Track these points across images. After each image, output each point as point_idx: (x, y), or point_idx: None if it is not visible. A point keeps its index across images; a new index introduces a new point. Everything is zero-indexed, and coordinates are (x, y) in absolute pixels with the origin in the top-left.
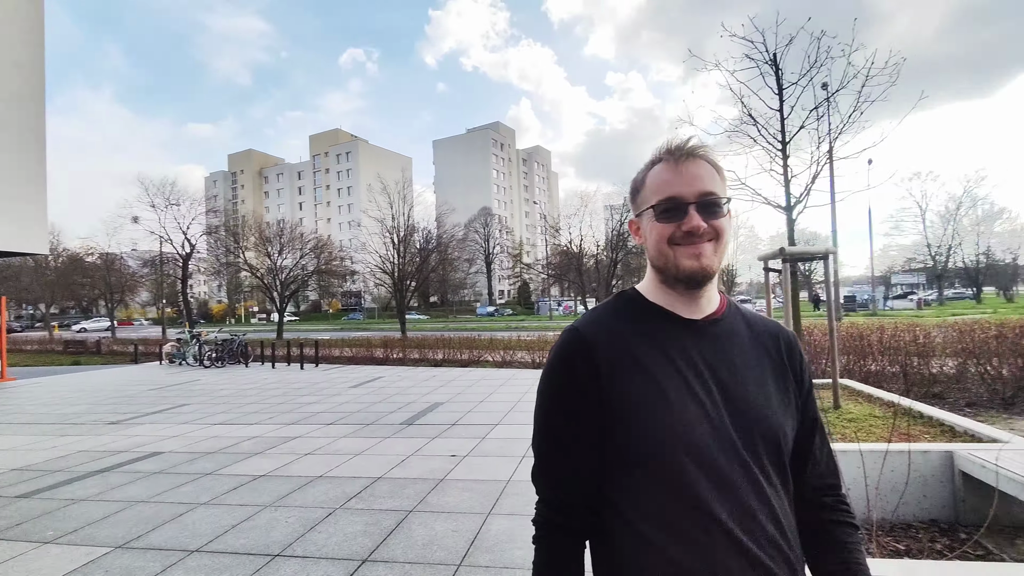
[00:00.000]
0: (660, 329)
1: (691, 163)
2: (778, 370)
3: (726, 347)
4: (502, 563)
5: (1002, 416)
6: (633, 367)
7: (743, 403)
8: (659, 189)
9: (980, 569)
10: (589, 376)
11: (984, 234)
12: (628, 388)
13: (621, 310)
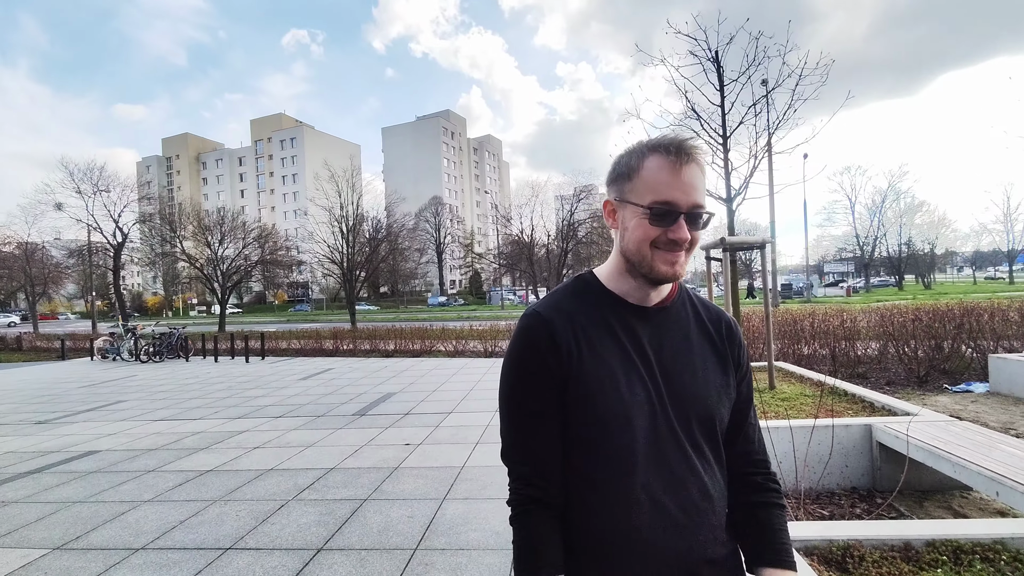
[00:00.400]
0: (613, 315)
1: (689, 168)
2: (719, 353)
3: (671, 333)
4: (458, 545)
5: (917, 392)
6: (590, 351)
7: (681, 387)
8: (656, 190)
9: (886, 527)
10: (553, 356)
11: (906, 225)
12: (586, 369)
13: (579, 294)
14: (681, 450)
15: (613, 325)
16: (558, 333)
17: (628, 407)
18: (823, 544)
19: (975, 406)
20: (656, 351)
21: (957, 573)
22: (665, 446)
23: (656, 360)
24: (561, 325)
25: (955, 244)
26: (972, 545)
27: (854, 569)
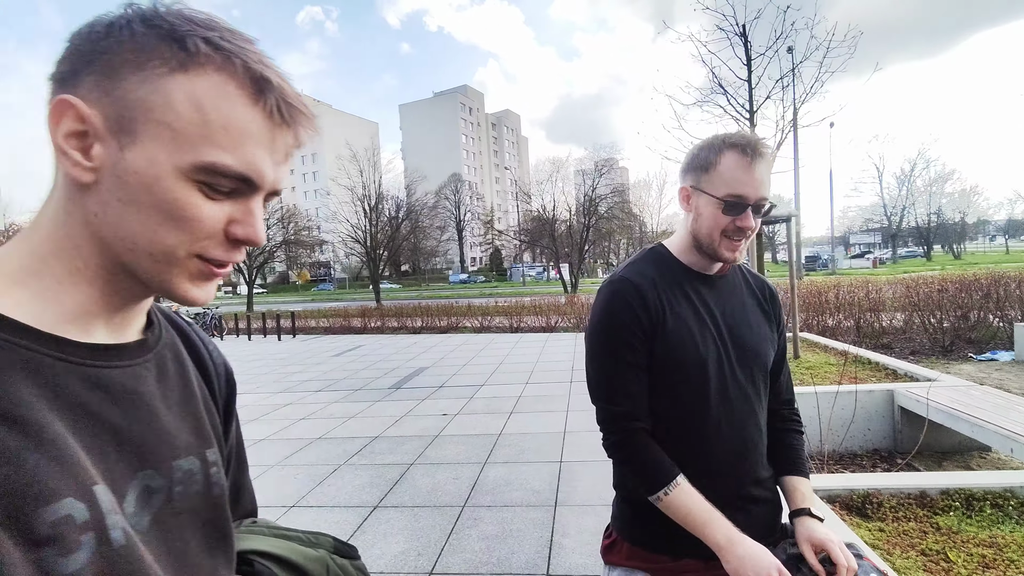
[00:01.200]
0: (686, 281)
1: (760, 165)
2: (765, 313)
3: (730, 297)
4: (502, 503)
5: (941, 361)
6: (671, 311)
7: (741, 340)
8: (731, 184)
9: (903, 478)
10: (644, 314)
11: (936, 194)
12: (669, 326)
13: (655, 263)
14: (743, 392)
15: (687, 290)
16: (647, 295)
17: (703, 358)
18: (844, 493)
19: (999, 374)
20: (720, 311)
21: (968, 516)
22: (730, 390)
23: (721, 319)
24: (648, 288)
25: (987, 212)
26: (983, 493)
27: (873, 514)
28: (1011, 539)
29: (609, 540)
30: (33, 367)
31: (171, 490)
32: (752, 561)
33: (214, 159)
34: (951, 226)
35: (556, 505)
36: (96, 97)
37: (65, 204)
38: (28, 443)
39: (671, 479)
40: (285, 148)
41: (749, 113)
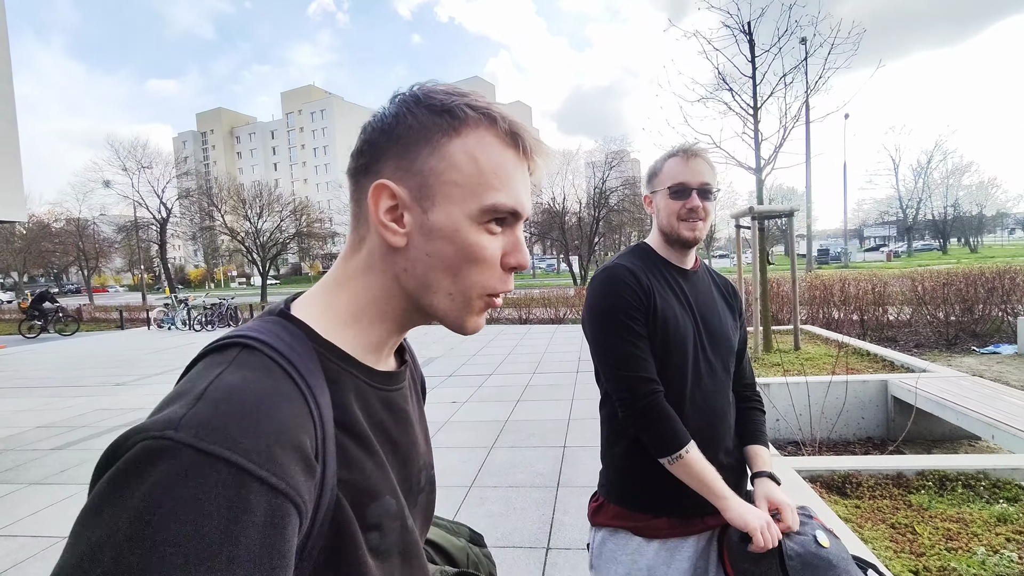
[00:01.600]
0: (667, 272)
1: (696, 160)
2: (729, 307)
3: (702, 290)
4: (508, 484)
5: (944, 354)
6: (658, 294)
7: (712, 326)
8: (673, 176)
9: (882, 460)
10: (642, 293)
11: (953, 187)
12: (658, 306)
13: (641, 256)
14: (712, 370)
15: (668, 279)
16: (640, 277)
17: (684, 337)
18: (827, 473)
19: (1000, 366)
20: (695, 300)
21: (940, 496)
22: (703, 367)
23: (696, 307)
24: (641, 272)
25: (1006, 205)
26: (957, 474)
27: (851, 493)
28: (978, 516)
29: (596, 504)
30: (359, 391)
31: (414, 489)
32: (751, 513)
33: (494, 201)
34: (968, 219)
35: (559, 486)
36: (399, 176)
37: (379, 263)
38: (365, 454)
39: (687, 440)
40: (530, 180)
41: (753, 109)
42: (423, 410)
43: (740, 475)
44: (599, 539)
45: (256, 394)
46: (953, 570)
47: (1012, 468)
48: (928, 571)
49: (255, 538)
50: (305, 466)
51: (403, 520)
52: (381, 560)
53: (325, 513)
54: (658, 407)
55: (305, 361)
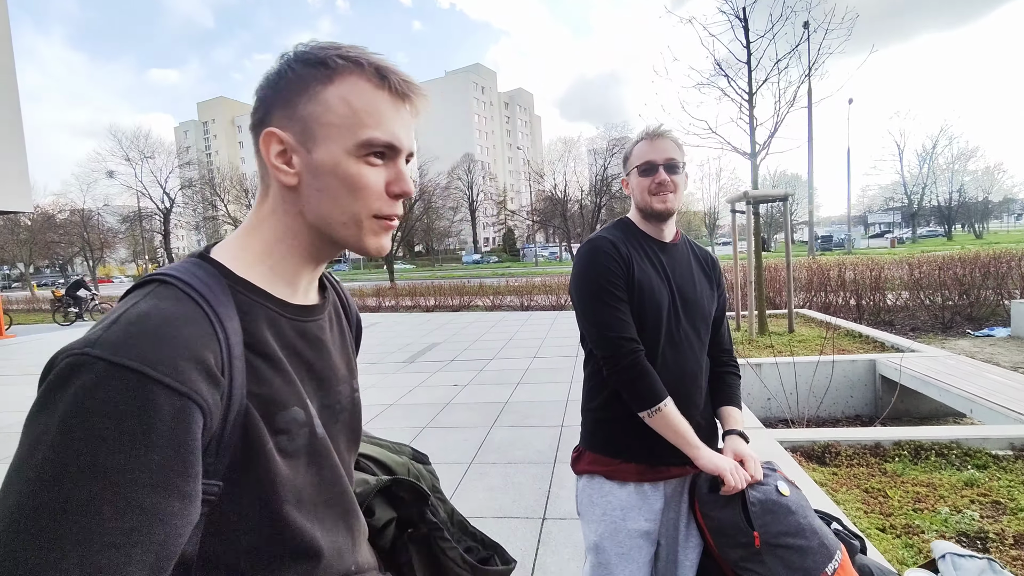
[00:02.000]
0: (646, 245)
1: (661, 140)
2: (707, 276)
3: (680, 261)
4: (506, 460)
5: (939, 337)
6: (636, 264)
7: (687, 295)
8: (641, 156)
9: (861, 432)
10: (622, 261)
11: (958, 172)
12: (636, 275)
13: (624, 230)
14: (686, 336)
15: (647, 252)
16: (620, 249)
17: (659, 304)
18: (807, 444)
19: (992, 348)
20: (672, 272)
21: (914, 463)
22: (676, 333)
23: (672, 278)
24: (621, 243)
25: (1012, 191)
26: (932, 443)
27: (831, 461)
28: (947, 481)
29: (576, 454)
30: (271, 320)
31: (335, 407)
32: (721, 459)
33: (368, 136)
34: (974, 205)
35: (555, 462)
36: (285, 124)
37: (282, 205)
38: (273, 371)
39: (664, 396)
40: (409, 119)
41: (748, 95)
42: (348, 341)
43: (711, 434)
44: (580, 485)
45: (164, 318)
46: (917, 527)
47: (983, 438)
48: (894, 528)
49: (164, 430)
50: (208, 376)
51: (311, 428)
52: (289, 459)
53: (235, 418)
54: (639, 365)
55: (216, 293)
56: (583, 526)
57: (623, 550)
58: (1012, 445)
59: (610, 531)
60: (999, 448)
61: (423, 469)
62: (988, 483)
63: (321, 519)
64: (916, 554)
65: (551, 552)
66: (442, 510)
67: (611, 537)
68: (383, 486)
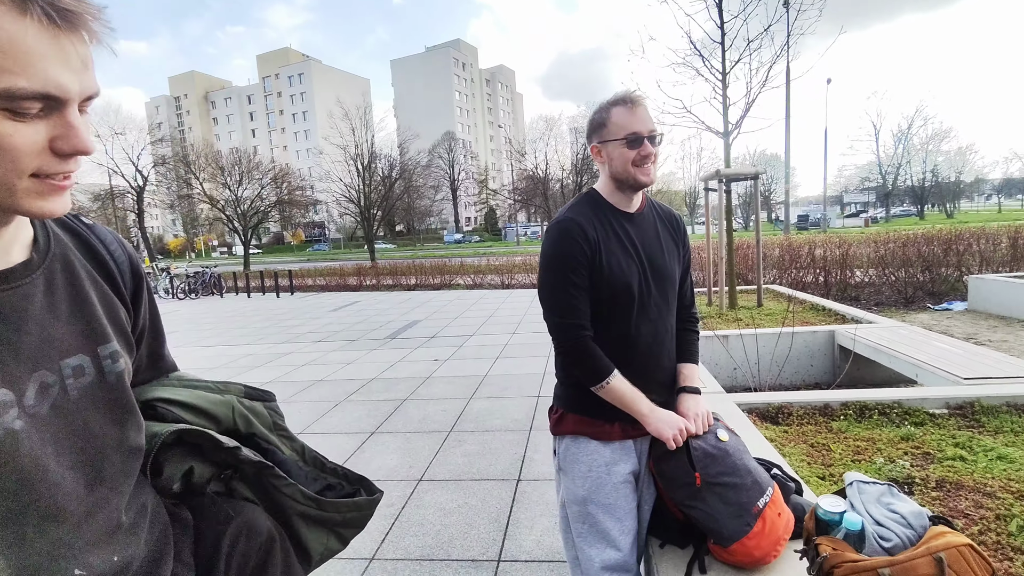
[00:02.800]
0: (614, 219)
1: (642, 108)
2: (673, 239)
3: (648, 230)
4: (484, 428)
5: (901, 311)
6: (604, 243)
7: (656, 264)
8: (625, 126)
9: (812, 394)
10: (587, 246)
11: (932, 152)
12: (603, 256)
13: (592, 205)
14: (656, 306)
15: (615, 225)
16: (588, 231)
17: (629, 282)
18: (763, 406)
19: (949, 321)
20: (640, 242)
21: (859, 422)
22: (648, 306)
23: (642, 248)
24: (588, 225)
25: (983, 171)
26: (875, 404)
27: (783, 421)
28: (886, 436)
29: (557, 415)
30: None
31: (64, 383)
32: (666, 422)
33: (6, 85)
34: (946, 185)
35: (531, 430)
36: None
37: None
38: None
39: (610, 372)
40: (78, 53)
41: (722, 75)
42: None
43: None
44: (564, 446)
45: None
46: None
47: (922, 398)
48: (832, 476)
49: None
50: None
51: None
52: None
53: None
54: (582, 348)
55: None
56: (565, 482)
57: (609, 501)
58: (947, 404)
59: (596, 485)
60: (936, 407)
61: (259, 407)
62: (922, 437)
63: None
64: None
65: (524, 509)
66: (287, 448)
67: (597, 490)
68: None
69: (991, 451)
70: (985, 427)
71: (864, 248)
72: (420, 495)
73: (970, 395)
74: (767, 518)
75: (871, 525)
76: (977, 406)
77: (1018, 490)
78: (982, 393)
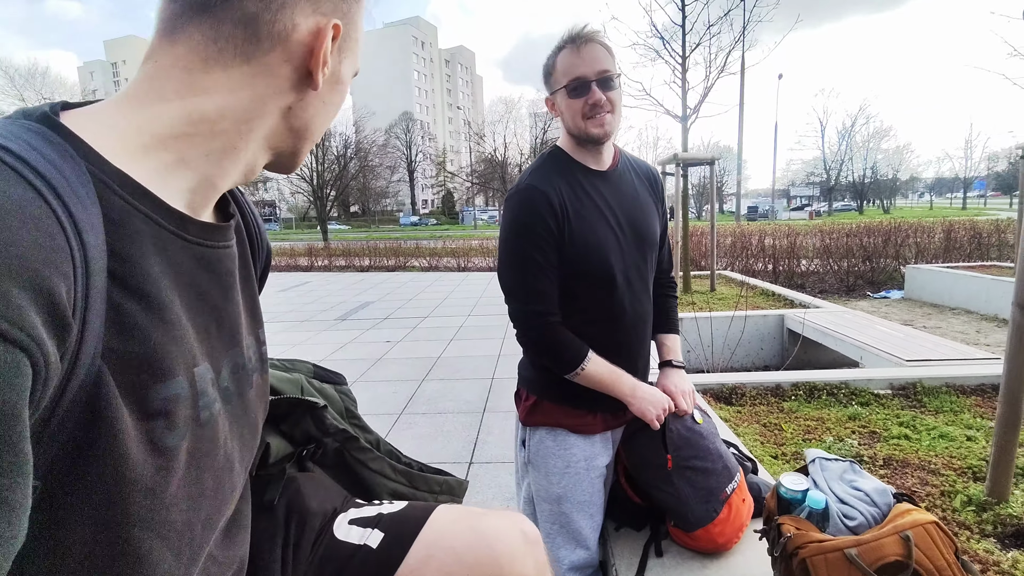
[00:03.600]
0: (585, 180)
1: (590, 47)
2: (652, 196)
3: (624, 189)
4: (436, 411)
5: (843, 299)
6: (574, 210)
7: (635, 225)
8: (568, 71)
9: (764, 375)
10: (552, 219)
11: (872, 150)
12: (574, 225)
13: (556, 166)
14: (639, 272)
15: (586, 188)
16: (553, 200)
17: (606, 252)
18: (717, 386)
19: (888, 308)
20: (617, 203)
21: (808, 402)
22: (630, 272)
23: (619, 209)
24: (554, 193)
25: (918, 170)
26: (824, 384)
27: (736, 401)
28: (834, 415)
29: (529, 403)
30: (161, 244)
31: (246, 365)
32: (650, 401)
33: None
34: (884, 182)
35: (484, 412)
36: (339, 18)
37: (263, 94)
38: (154, 321)
39: (584, 356)
40: None
41: (682, 59)
42: (254, 283)
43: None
44: (537, 438)
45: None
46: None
47: (867, 379)
48: (784, 455)
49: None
50: (52, 319)
51: (197, 411)
52: (158, 457)
53: (79, 391)
54: (549, 335)
55: (73, 186)
56: (537, 478)
57: (585, 498)
58: (891, 385)
59: (574, 483)
60: (880, 388)
61: (329, 389)
62: (868, 417)
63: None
64: None
65: (476, 492)
66: (363, 439)
67: (575, 488)
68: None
69: (933, 430)
70: (927, 407)
71: (811, 239)
72: None
73: (912, 376)
74: (732, 504)
75: (835, 503)
76: (919, 387)
77: (959, 467)
78: (923, 374)
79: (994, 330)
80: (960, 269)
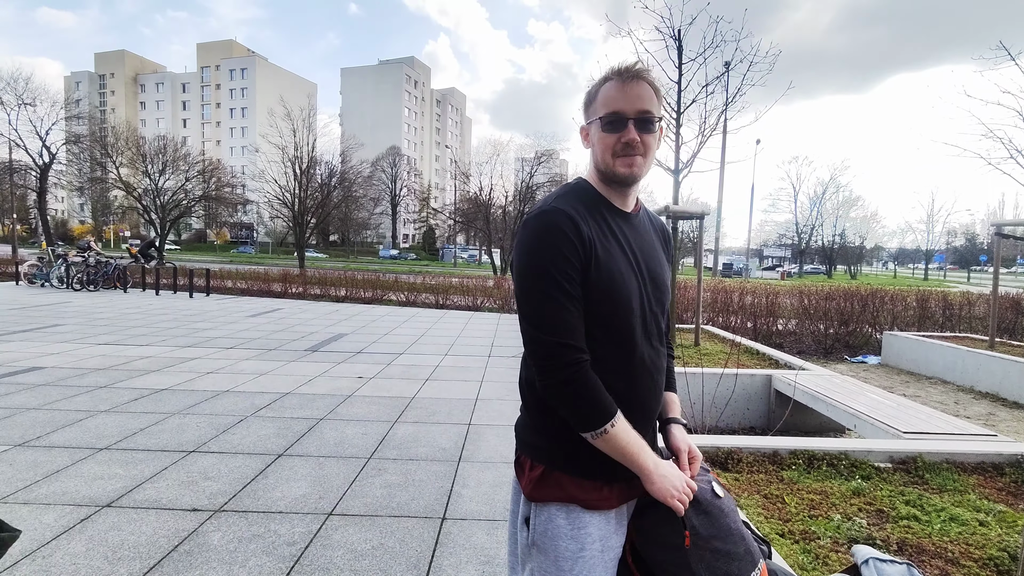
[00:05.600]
0: (609, 215)
1: (635, 84)
2: (665, 251)
3: (644, 236)
4: (408, 457)
5: (821, 361)
6: (600, 243)
7: (655, 276)
8: (607, 104)
9: (761, 440)
10: (580, 244)
11: (842, 217)
12: (600, 257)
13: (582, 197)
14: (656, 325)
15: (611, 225)
16: (581, 227)
17: (629, 292)
18: (712, 450)
19: (866, 373)
20: (639, 248)
21: (808, 472)
22: (649, 324)
23: (640, 255)
24: (581, 218)
25: (883, 239)
26: (823, 454)
27: (733, 467)
28: (837, 489)
29: (536, 473)
30: None
31: None
32: (670, 479)
33: None
34: (852, 248)
35: (460, 461)
36: None
37: None
38: None
39: (615, 412)
40: None
41: (676, 114)
42: None
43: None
44: (546, 517)
45: None
46: (813, 533)
47: (867, 451)
48: (792, 534)
49: None
50: None
51: None
52: None
53: None
54: (582, 378)
55: None
56: (543, 563)
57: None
58: (891, 458)
59: (587, 568)
60: (880, 461)
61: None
62: (872, 492)
63: None
64: (814, 559)
65: (449, 554)
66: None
67: (588, 572)
68: None
69: (942, 511)
70: (930, 484)
71: (789, 299)
72: (328, 533)
73: (912, 449)
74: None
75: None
76: (920, 462)
77: (979, 556)
78: (923, 448)
79: (972, 402)
80: (935, 339)
